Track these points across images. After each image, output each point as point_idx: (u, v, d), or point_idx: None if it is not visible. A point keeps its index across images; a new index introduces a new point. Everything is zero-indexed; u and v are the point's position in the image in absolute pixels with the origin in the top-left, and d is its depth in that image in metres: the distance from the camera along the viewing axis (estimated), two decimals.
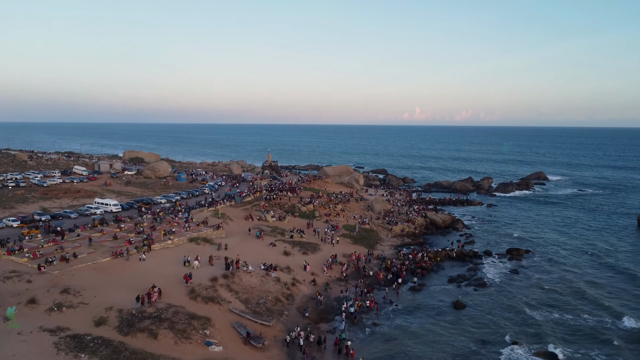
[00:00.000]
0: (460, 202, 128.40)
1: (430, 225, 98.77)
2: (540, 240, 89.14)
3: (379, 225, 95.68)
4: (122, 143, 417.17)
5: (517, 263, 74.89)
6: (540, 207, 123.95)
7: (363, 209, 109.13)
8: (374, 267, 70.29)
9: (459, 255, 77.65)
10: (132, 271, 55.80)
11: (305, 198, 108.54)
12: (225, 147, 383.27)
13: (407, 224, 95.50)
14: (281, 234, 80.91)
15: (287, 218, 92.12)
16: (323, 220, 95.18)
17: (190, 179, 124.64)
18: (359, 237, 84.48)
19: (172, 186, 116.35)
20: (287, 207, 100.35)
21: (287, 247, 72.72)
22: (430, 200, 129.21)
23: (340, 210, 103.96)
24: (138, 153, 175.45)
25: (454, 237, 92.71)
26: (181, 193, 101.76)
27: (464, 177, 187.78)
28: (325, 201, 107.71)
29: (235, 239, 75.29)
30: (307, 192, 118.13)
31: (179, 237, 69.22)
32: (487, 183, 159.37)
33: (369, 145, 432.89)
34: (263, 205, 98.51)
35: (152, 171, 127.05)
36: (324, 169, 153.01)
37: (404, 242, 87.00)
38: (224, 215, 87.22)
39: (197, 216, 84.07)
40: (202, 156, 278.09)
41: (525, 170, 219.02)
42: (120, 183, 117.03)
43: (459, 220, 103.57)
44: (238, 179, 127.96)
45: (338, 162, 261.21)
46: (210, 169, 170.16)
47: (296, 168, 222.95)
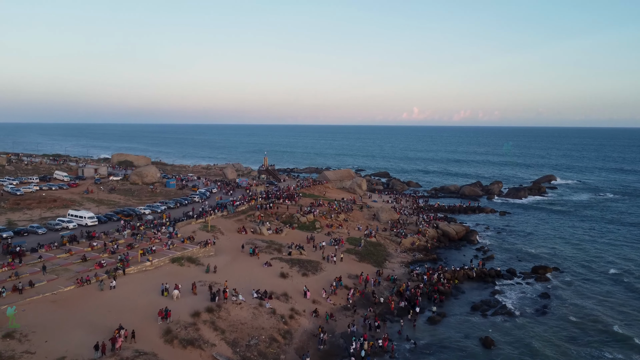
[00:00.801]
0: (471, 209, 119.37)
1: (443, 238, 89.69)
2: (566, 256, 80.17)
3: (386, 238, 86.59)
4: (116, 144, 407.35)
5: (546, 285, 65.84)
6: (558, 215, 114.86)
7: (368, 219, 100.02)
8: (384, 292, 61.19)
9: (480, 274, 68.61)
10: (99, 303, 46.57)
11: (305, 206, 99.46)
12: (221, 149, 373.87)
13: (417, 237, 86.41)
14: (278, 250, 71.76)
15: (284, 230, 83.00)
16: (324, 232, 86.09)
17: (179, 185, 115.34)
18: (366, 252, 75.39)
19: (159, 193, 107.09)
20: (284, 218, 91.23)
21: (285, 267, 63.63)
22: (438, 208, 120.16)
23: (342, 220, 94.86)
24: (127, 156, 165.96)
25: (469, 251, 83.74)
26: (168, 202, 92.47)
27: (471, 181, 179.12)
28: (326, 210, 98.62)
29: (226, 257, 66.13)
30: (306, 200, 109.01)
31: (159, 258, 59.99)
32: (497, 188, 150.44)
33: (368, 146, 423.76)
34: (258, 215, 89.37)
35: (139, 177, 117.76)
36: (325, 173, 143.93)
37: (415, 258, 77.91)
38: (214, 228, 78.03)
39: (183, 230, 74.87)
40: (196, 159, 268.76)
41: (532, 172, 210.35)
42: (103, 190, 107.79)
43: (473, 231, 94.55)
44: (232, 186, 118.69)
45: (337, 164, 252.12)
46: (204, 173, 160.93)
47: (295, 171, 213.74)
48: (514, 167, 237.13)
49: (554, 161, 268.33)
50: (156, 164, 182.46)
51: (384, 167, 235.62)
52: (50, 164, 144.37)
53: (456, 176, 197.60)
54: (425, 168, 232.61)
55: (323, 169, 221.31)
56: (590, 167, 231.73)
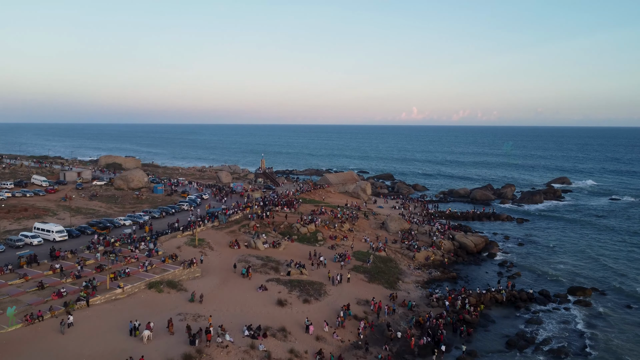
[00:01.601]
0: (485, 215, 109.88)
1: (460, 251, 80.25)
2: (602, 272, 70.98)
3: (397, 252, 77.16)
4: (109, 145, 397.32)
5: (588, 311, 56.48)
6: (580, 223, 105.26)
7: (375, 228, 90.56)
8: (400, 322, 51.70)
9: (509, 298, 59.18)
10: (45, 351, 37.01)
11: (305, 214, 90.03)
12: (217, 150, 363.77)
13: (431, 250, 76.98)
14: (275, 269, 62.29)
15: (282, 244, 73.51)
16: (327, 244, 76.69)
17: (168, 191, 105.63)
18: (375, 270, 65.92)
19: (145, 200, 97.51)
20: (282, 228, 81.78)
21: (283, 292, 54.25)
22: (450, 214, 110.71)
23: (347, 230, 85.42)
24: (116, 158, 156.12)
25: (491, 266, 74.36)
26: (152, 211, 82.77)
27: (478, 183, 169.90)
28: (329, 219, 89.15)
29: (214, 279, 56.68)
30: (307, 206, 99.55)
31: (133, 283, 50.45)
32: (510, 191, 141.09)
33: (368, 147, 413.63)
34: (253, 225, 79.86)
35: (125, 181, 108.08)
36: (326, 176, 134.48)
37: (431, 276, 68.44)
38: (203, 242, 68.54)
39: (167, 245, 65.37)
40: (191, 160, 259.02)
41: (542, 174, 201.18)
42: (84, 197, 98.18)
43: (493, 242, 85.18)
44: (226, 191, 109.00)
45: (337, 165, 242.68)
46: (197, 176, 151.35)
47: (294, 173, 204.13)
48: (521, 168, 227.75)
49: (562, 162, 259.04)
50: (148, 166, 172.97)
51: (386, 168, 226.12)
52: (32, 167, 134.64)
53: (463, 179, 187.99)
54: (428, 170, 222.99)
55: (323, 170, 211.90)
56: (600, 169, 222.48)
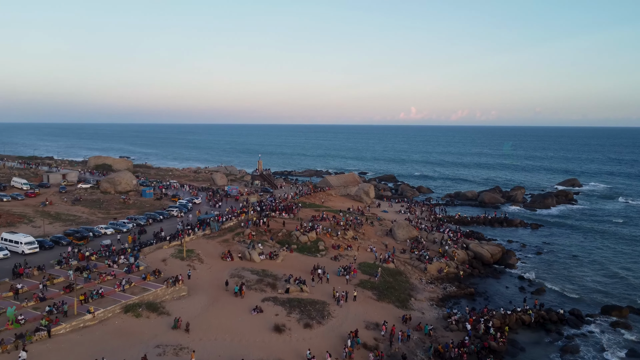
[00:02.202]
0: (497, 221, 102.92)
1: (475, 261, 73.32)
2: (633, 287, 64.16)
3: (406, 263, 70.22)
4: (104, 144, 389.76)
5: (628, 335, 49.63)
6: (600, 230, 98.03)
7: (380, 235, 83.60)
8: (416, 351, 44.74)
9: (538, 319, 52.28)
10: None
11: (306, 220, 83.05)
12: (214, 150, 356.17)
13: (444, 261, 70.02)
14: (272, 285, 55.30)
15: (280, 255, 66.53)
16: (330, 255, 69.72)
17: (157, 195, 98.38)
18: (385, 286, 58.94)
19: (132, 205, 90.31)
20: (280, 237, 74.74)
21: (281, 314, 47.33)
22: (460, 219, 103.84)
23: (351, 238, 78.43)
24: (105, 159, 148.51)
25: (511, 280, 67.47)
26: (138, 218, 75.56)
27: (483, 185, 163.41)
28: (331, 225, 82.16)
29: (203, 299, 49.65)
30: (307, 211, 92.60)
31: (107, 306, 43.40)
32: (520, 194, 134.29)
33: (367, 147, 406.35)
34: (249, 234, 72.81)
35: (112, 184, 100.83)
36: (327, 178, 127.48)
37: (446, 291, 61.50)
38: (192, 254, 61.51)
39: (150, 257, 58.34)
40: (186, 161, 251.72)
41: (550, 176, 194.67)
42: (66, 201, 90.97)
43: (510, 252, 78.22)
44: (220, 195, 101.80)
45: (336, 166, 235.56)
46: (191, 178, 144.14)
47: (292, 174, 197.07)
48: (527, 170, 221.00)
49: (567, 163, 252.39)
50: (140, 167, 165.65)
51: (387, 169, 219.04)
52: (15, 169, 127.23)
53: (467, 181, 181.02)
54: (430, 171, 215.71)
55: (323, 172, 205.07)
56: (607, 170, 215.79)
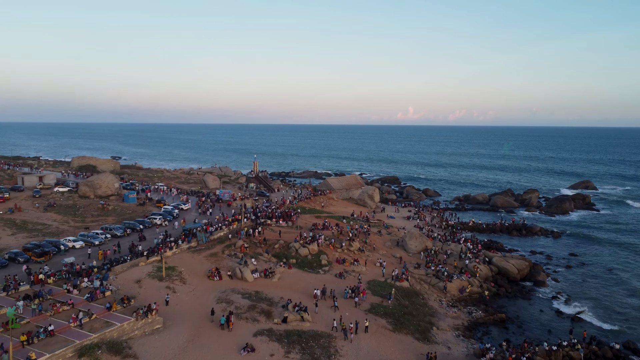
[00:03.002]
0: (515, 228, 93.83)
1: (500, 278, 64.18)
2: None
3: (422, 280, 61.06)
4: (97, 144, 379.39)
5: None
6: (630, 239, 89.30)
7: (390, 247, 74.38)
8: None
9: (588, 356, 43.17)
10: None
11: (306, 229, 73.87)
12: (209, 150, 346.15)
13: (465, 278, 60.88)
14: (267, 313, 46.09)
15: (277, 272, 57.33)
16: (335, 271, 60.50)
17: (141, 200, 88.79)
18: (400, 312, 49.75)
19: (112, 211, 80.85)
20: (277, 249, 65.49)
21: (277, 355, 38.40)
22: (474, 226, 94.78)
23: (358, 250, 69.20)
24: (90, 159, 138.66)
25: (544, 302, 58.35)
26: (114, 228, 66.00)
27: (491, 187, 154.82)
28: (334, 235, 72.93)
29: (181, 334, 40.41)
30: (307, 218, 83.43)
31: (55, 350, 34.11)
32: (535, 198, 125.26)
33: (367, 147, 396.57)
34: (241, 246, 63.54)
35: (91, 188, 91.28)
36: (328, 180, 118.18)
37: (473, 317, 52.31)
38: (173, 272, 52.26)
39: (123, 278, 49.07)
40: (179, 161, 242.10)
41: (560, 178, 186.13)
42: (38, 206, 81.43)
43: (537, 266, 69.10)
44: (211, 199, 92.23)
45: (335, 167, 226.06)
46: (183, 179, 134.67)
47: (290, 175, 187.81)
48: (535, 171, 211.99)
49: (575, 164, 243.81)
50: (129, 168, 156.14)
51: (388, 171, 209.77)
52: None
53: (474, 183, 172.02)
54: (434, 172, 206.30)
55: (322, 173, 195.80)
56: (617, 172, 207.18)
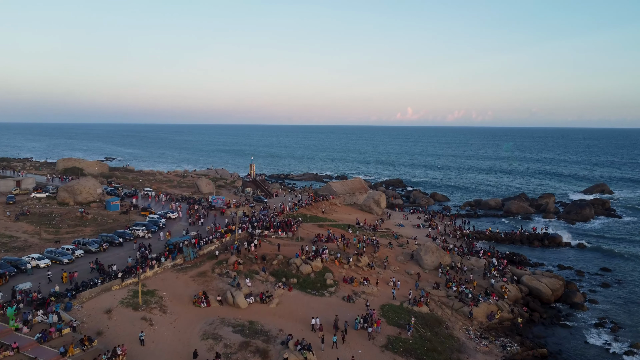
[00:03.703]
0: (537, 238, 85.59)
1: (531, 300, 55.96)
2: None
3: (442, 303, 52.84)
4: (91, 144, 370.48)
5: None
6: None
7: (403, 261, 66.11)
8: None
9: None
10: None
11: (308, 241, 65.73)
12: (205, 152, 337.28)
13: (493, 301, 52.66)
14: (262, 353, 37.87)
15: (275, 296, 49.10)
16: (342, 293, 52.28)
17: (126, 207, 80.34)
18: (422, 347, 41.54)
19: (92, 221, 72.44)
20: (275, 266, 57.29)
21: None
22: (492, 236, 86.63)
23: (367, 266, 60.95)
24: (77, 161, 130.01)
25: (588, 330, 50.13)
26: (88, 242, 57.39)
27: (502, 191, 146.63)
28: (340, 249, 64.74)
29: None
30: (308, 227, 75.24)
31: None
32: (552, 203, 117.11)
33: (367, 148, 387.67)
34: (234, 262, 55.31)
35: (71, 193, 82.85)
36: (330, 184, 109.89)
37: (508, 353, 43.93)
38: (152, 299, 43.99)
39: (90, 307, 40.83)
40: (174, 163, 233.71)
41: (569, 180, 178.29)
42: (10, 215, 73.03)
43: (571, 284, 60.88)
44: (203, 206, 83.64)
45: (335, 169, 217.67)
46: (176, 183, 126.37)
47: (290, 178, 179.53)
48: (544, 174, 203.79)
49: (584, 167, 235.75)
50: (119, 171, 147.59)
51: (391, 173, 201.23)
52: None
53: (482, 186, 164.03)
54: (439, 175, 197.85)
55: (322, 175, 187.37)
56: (630, 176, 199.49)
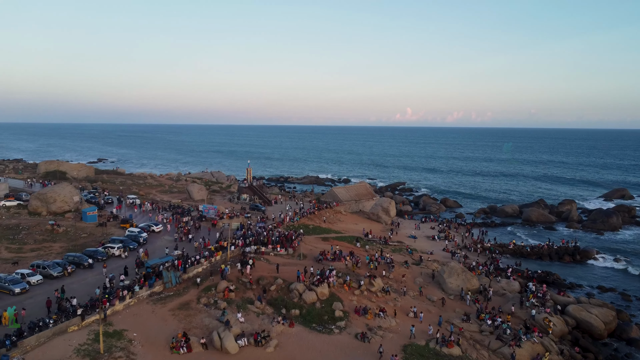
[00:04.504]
0: (567, 252, 76.43)
1: (580, 335, 46.80)
2: None
3: (476, 341, 43.67)
4: (84, 144, 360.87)
5: None
6: None
7: (423, 284, 56.82)
8: None
9: None
10: None
11: (312, 261, 56.67)
12: (201, 152, 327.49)
13: (536, 338, 43.49)
14: None
15: (274, 334, 39.96)
16: (354, 329, 43.12)
17: (105, 217, 71.01)
18: None
19: (63, 235, 63.16)
20: (274, 292, 48.09)
21: None
22: (516, 249, 77.52)
23: (382, 291, 51.72)
24: (60, 164, 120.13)
25: None
26: (48, 265, 47.72)
27: (515, 196, 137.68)
28: (349, 270, 55.63)
29: None
30: (311, 241, 66.18)
31: None
32: (574, 210, 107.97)
33: (368, 149, 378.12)
34: (224, 290, 46.15)
35: (44, 202, 73.54)
36: (334, 191, 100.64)
37: None
38: (118, 343, 34.83)
39: (35, 358, 31.57)
40: (168, 164, 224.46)
41: (583, 184, 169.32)
42: None
43: (623, 314, 51.73)
44: (193, 218, 74.12)
45: (337, 170, 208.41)
46: (168, 187, 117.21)
47: (289, 181, 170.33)
48: (557, 177, 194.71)
49: (597, 170, 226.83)
50: (108, 174, 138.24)
51: (394, 176, 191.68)
52: None
53: (494, 191, 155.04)
54: (445, 178, 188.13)
55: (324, 178, 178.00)
56: None
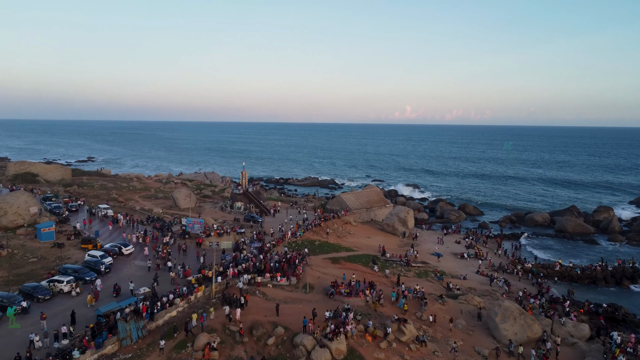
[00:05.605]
0: (626, 275, 63.76)
1: None
2: None
3: None
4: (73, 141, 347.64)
5: None
6: None
7: (466, 331, 43.98)
8: None
9: None
10: None
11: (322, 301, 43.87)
12: (197, 151, 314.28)
13: None
14: None
15: None
16: None
17: (66, 235, 58.01)
18: None
19: (5, 260, 50.19)
20: (272, 349, 35.34)
21: None
22: (563, 272, 64.77)
23: (415, 340, 38.93)
24: (32, 166, 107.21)
25: None
26: None
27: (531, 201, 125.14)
28: (370, 307, 42.88)
29: None
30: (318, 263, 53.39)
31: None
32: (614, 220, 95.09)
33: (369, 149, 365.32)
34: (205, 347, 33.32)
35: None
36: (342, 197, 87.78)
37: None
38: None
39: None
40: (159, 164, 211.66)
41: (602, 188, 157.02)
42: None
43: None
44: (174, 235, 61.17)
45: (340, 172, 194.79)
46: (153, 191, 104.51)
47: (290, 183, 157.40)
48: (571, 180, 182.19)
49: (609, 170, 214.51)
50: (89, 175, 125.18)
51: (399, 177, 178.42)
52: None
53: (514, 196, 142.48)
54: (456, 180, 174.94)
55: (327, 180, 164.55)
56: None
